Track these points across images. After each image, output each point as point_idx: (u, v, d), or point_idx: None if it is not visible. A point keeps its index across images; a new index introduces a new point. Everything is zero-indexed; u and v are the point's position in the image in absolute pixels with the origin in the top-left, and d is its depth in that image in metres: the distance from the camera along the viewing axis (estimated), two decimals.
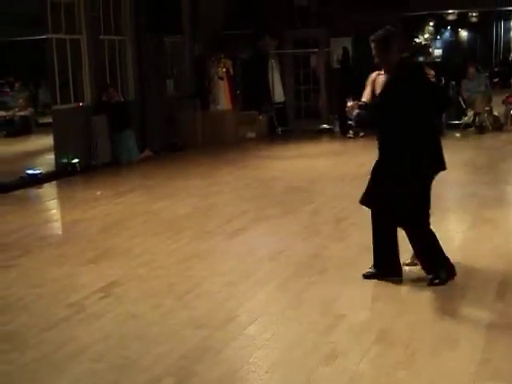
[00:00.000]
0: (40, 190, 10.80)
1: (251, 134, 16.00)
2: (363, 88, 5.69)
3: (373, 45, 5.49)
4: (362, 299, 5.33)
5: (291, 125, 17.18)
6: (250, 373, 4.16)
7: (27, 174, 11.08)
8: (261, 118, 16.37)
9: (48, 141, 11.74)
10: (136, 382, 4.07)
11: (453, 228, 7.36)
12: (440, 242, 5.50)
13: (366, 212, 5.72)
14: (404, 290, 5.44)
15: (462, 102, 15.54)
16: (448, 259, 5.52)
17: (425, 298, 5.22)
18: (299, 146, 14.67)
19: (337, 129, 16.21)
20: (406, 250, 5.68)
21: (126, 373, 4.18)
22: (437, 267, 5.49)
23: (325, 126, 16.63)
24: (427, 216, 5.50)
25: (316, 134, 16.15)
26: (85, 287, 5.80)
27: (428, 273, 5.52)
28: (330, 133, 16.31)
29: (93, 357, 4.43)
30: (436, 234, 5.51)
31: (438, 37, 20.85)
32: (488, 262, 6.05)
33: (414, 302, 5.18)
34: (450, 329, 4.64)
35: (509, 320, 4.78)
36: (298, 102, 17.40)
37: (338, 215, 8.01)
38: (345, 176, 10.41)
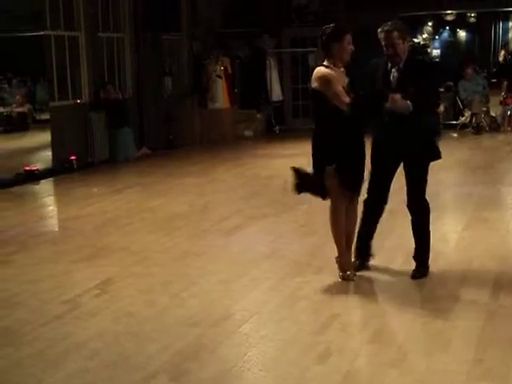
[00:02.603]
0: (37, 187, 10.80)
1: (249, 133, 16.00)
2: (360, 87, 5.58)
3: (388, 35, 5.37)
4: (356, 299, 5.35)
5: (289, 124, 17.16)
6: (244, 371, 4.17)
7: (24, 170, 11.08)
8: (258, 116, 16.36)
9: (45, 137, 11.75)
10: (130, 379, 4.08)
11: (448, 228, 7.37)
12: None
13: None
14: (398, 289, 5.45)
15: (460, 103, 15.57)
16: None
17: (419, 298, 5.24)
18: (296, 145, 14.58)
19: None
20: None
21: (120, 370, 4.20)
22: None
23: None
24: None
25: None
26: (80, 284, 5.82)
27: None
28: None
29: (87, 354, 4.44)
30: (431, 233, 5.56)
31: (437, 37, 20.84)
32: (482, 262, 6.07)
33: (408, 302, 5.20)
34: (443, 329, 4.66)
35: (501, 320, 4.79)
36: (296, 101, 17.38)
37: None
38: None
